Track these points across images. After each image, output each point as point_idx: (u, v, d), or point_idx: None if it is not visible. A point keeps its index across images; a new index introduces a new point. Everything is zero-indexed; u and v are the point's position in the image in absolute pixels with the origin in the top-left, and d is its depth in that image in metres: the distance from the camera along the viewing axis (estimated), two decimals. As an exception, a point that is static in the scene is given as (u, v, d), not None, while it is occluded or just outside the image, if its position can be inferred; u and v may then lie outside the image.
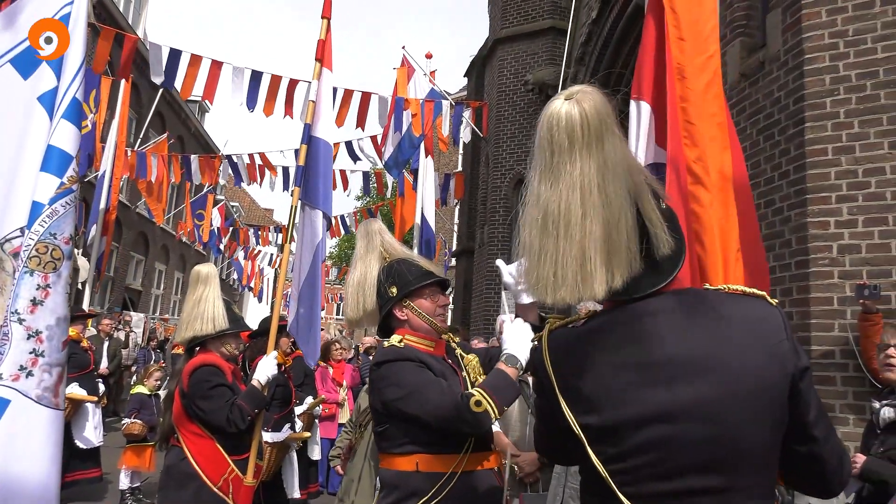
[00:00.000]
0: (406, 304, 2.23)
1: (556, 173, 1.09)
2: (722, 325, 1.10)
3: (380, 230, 2.45)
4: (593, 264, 1.05)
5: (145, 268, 21.03)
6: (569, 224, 1.06)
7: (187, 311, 3.07)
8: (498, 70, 11.25)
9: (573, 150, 1.08)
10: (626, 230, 1.06)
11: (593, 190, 1.06)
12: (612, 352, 1.12)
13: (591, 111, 1.08)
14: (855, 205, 4.09)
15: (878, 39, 4.11)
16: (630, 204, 1.08)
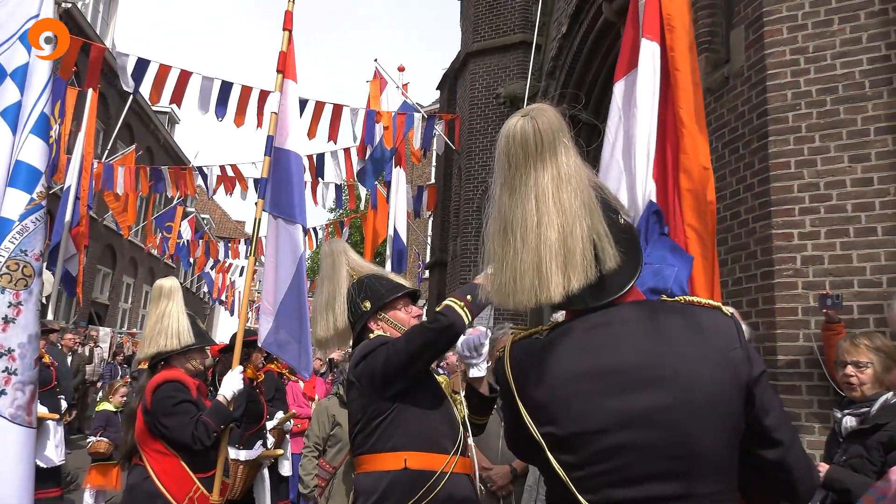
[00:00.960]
0: (381, 317, 2.25)
1: (514, 185, 1.15)
2: (677, 335, 1.14)
3: (344, 250, 2.46)
4: (549, 269, 1.10)
5: (112, 281, 20.62)
6: (525, 231, 1.12)
7: (150, 327, 3.00)
8: (470, 83, 11.32)
9: (528, 162, 1.14)
10: (580, 238, 1.11)
11: (548, 199, 1.12)
12: (570, 361, 1.15)
13: (544, 126, 1.14)
14: (817, 217, 4.19)
15: (837, 56, 4.22)
16: (585, 214, 1.12)
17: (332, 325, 2.37)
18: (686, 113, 2.36)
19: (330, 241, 2.55)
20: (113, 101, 17.17)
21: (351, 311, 2.30)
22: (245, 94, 7.56)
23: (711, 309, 1.19)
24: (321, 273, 2.47)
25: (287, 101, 3.68)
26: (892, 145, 4.04)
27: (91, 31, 15.81)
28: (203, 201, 33.72)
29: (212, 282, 19.10)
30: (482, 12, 11.38)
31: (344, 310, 2.33)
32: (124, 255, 21.17)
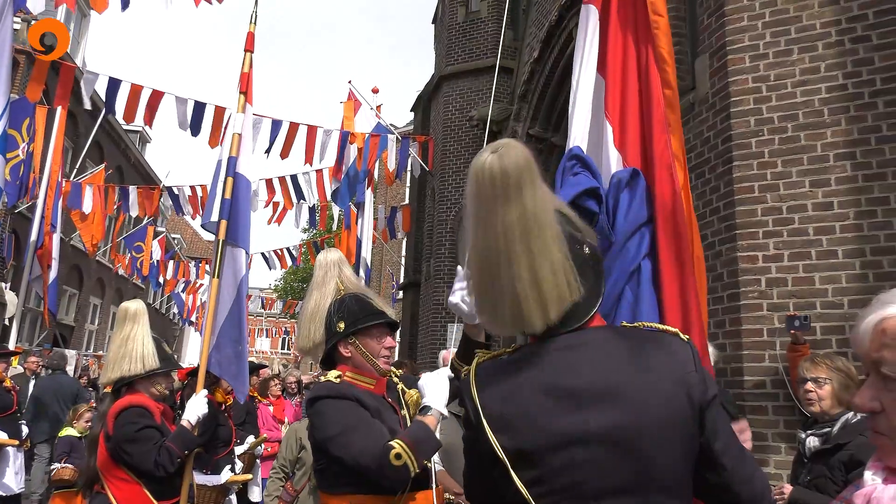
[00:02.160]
0: (352, 342, 2.19)
1: (484, 222, 1.19)
2: (636, 358, 1.19)
3: (339, 261, 2.43)
4: (528, 305, 1.16)
5: (79, 302, 20.18)
6: (499, 269, 1.17)
7: (114, 351, 2.95)
8: (443, 106, 11.42)
9: (496, 200, 1.17)
10: (550, 269, 1.15)
11: (515, 237, 1.15)
12: (533, 380, 1.19)
13: (511, 164, 1.17)
14: (780, 240, 4.29)
15: (797, 84, 4.36)
16: (553, 249, 1.17)
17: (311, 337, 2.33)
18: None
19: (326, 250, 2.51)
20: (83, 120, 16.96)
21: (327, 326, 2.27)
22: (219, 115, 7.53)
23: (669, 335, 1.26)
24: (312, 282, 2.45)
25: (245, 124, 3.68)
26: (850, 171, 4.17)
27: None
28: (174, 221, 33.31)
29: (182, 302, 18.79)
30: (455, 36, 11.53)
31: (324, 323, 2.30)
32: (91, 275, 20.76)
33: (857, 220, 4.11)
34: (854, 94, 4.22)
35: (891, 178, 4.07)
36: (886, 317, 0.98)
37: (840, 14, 4.33)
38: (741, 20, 4.59)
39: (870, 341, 0.99)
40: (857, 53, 4.24)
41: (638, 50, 2.33)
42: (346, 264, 2.44)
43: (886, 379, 0.96)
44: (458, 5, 11.66)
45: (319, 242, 13.90)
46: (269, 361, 28.48)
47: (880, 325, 0.98)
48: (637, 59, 2.33)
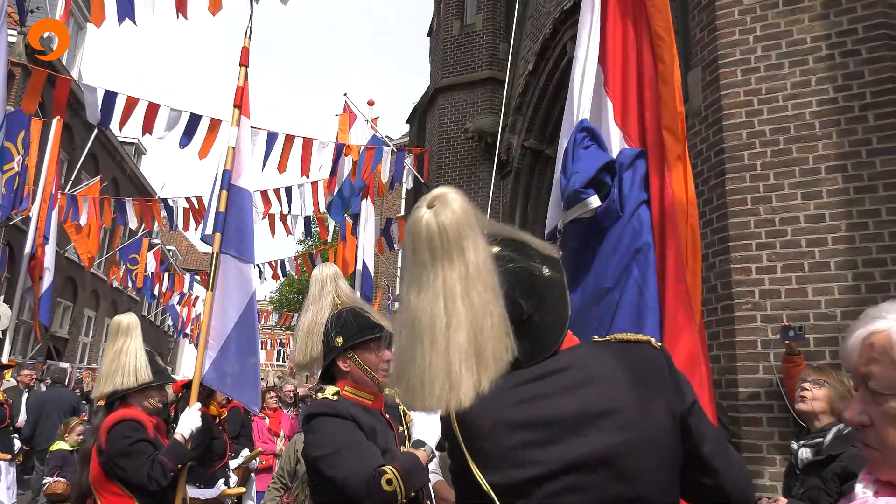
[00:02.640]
0: (350, 356, 2.19)
1: (421, 283, 1.14)
2: (610, 376, 1.17)
3: (335, 276, 2.44)
4: (458, 373, 1.09)
5: (73, 314, 20.09)
6: (434, 334, 1.10)
7: (107, 364, 2.94)
8: (439, 118, 11.47)
9: (435, 261, 1.12)
10: (492, 332, 1.11)
11: (456, 298, 1.10)
12: (511, 413, 1.16)
13: (449, 221, 1.12)
14: (773, 252, 4.31)
15: (788, 98, 4.40)
16: (496, 303, 1.12)
17: (308, 352, 2.34)
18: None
19: (321, 265, 2.52)
20: (78, 132, 16.96)
21: (325, 341, 2.26)
22: (213, 127, 7.54)
23: (640, 344, 1.24)
24: (308, 296, 2.45)
25: (241, 138, 3.69)
26: (841, 183, 4.20)
27: (58, 63, 15.67)
28: (168, 233, 33.25)
29: (177, 315, 18.73)
30: (451, 49, 11.60)
31: (321, 338, 2.30)
32: (86, 287, 20.69)
33: (848, 231, 4.14)
34: (845, 108, 4.26)
35: (882, 191, 4.10)
36: (874, 331, 0.99)
37: (830, 28, 4.38)
38: (733, 34, 4.64)
39: (858, 356, 1.00)
40: (848, 67, 4.29)
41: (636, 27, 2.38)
42: (341, 278, 2.45)
43: (874, 393, 0.97)
44: (453, 19, 11.74)
45: (314, 254, 13.89)
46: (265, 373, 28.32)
47: (868, 340, 0.99)
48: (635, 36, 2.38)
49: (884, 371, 0.95)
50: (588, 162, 2.22)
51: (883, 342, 0.96)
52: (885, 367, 0.95)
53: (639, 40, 2.38)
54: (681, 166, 2.21)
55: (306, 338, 2.35)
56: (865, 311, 1.06)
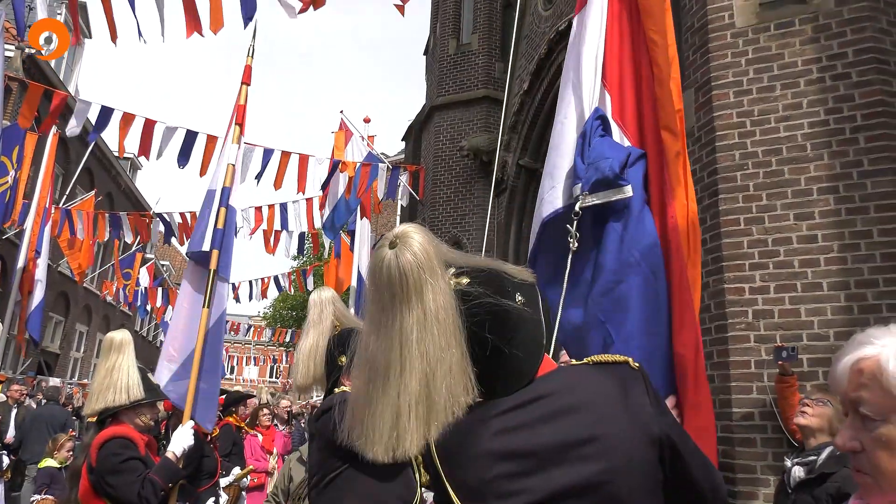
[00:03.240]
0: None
1: (380, 327, 1.13)
2: (588, 401, 1.16)
3: (332, 299, 2.48)
4: (408, 421, 1.08)
5: (65, 329, 19.95)
6: (387, 380, 1.10)
7: (98, 381, 2.92)
8: (434, 135, 11.53)
9: (394, 304, 1.11)
10: (448, 375, 1.10)
11: (412, 344, 1.09)
12: (490, 444, 1.15)
13: (410, 263, 1.11)
14: (766, 272, 4.33)
15: (780, 119, 4.45)
16: (456, 345, 1.11)
17: (311, 374, 2.37)
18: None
19: (319, 289, 2.56)
20: (74, 146, 16.97)
21: (328, 362, 2.29)
22: (210, 144, 7.55)
23: (618, 365, 1.22)
24: (308, 320, 2.49)
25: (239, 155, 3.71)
26: (833, 204, 4.23)
27: (55, 78, 15.72)
28: (163, 247, 33.14)
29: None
30: (446, 68, 11.69)
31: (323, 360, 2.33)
32: (78, 302, 20.57)
33: (841, 252, 4.17)
34: (836, 130, 4.31)
35: (873, 212, 4.14)
36: (862, 357, 0.99)
37: (821, 52, 4.44)
38: (725, 57, 4.70)
39: (847, 381, 1.00)
40: (838, 90, 4.34)
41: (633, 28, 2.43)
42: (338, 300, 2.50)
43: (865, 419, 0.97)
44: (449, 38, 11.85)
45: (307, 271, 13.87)
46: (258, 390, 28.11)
47: (857, 366, 0.99)
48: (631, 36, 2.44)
49: (873, 397, 0.95)
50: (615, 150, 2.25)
51: (872, 368, 0.97)
52: (874, 393, 0.95)
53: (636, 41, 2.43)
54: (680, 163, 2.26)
55: (308, 360, 2.39)
56: (854, 335, 1.06)
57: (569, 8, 8.17)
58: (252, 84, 3.87)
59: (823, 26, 4.48)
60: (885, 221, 4.09)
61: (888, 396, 0.94)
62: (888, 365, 0.95)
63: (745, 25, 4.69)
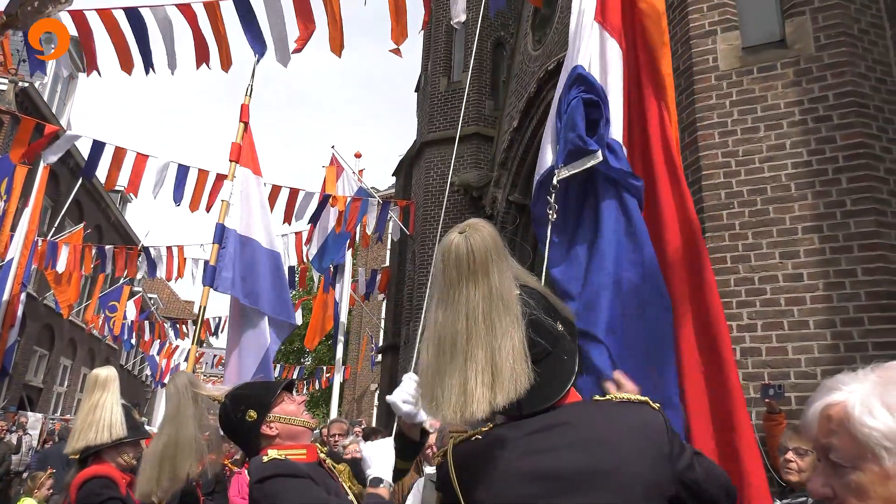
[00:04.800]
0: (271, 419, 2.12)
1: (448, 301, 1.19)
2: (612, 435, 1.19)
3: (189, 383, 2.26)
4: (474, 386, 1.12)
5: (48, 363, 19.63)
6: (455, 348, 1.15)
7: (81, 419, 2.87)
8: (425, 171, 11.62)
9: (461, 280, 1.18)
10: (510, 354, 1.14)
11: (478, 317, 1.15)
12: (513, 465, 1.18)
13: (478, 245, 1.18)
14: (753, 310, 4.36)
15: (764, 160, 4.53)
16: (517, 328, 1.16)
17: (162, 477, 2.16)
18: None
19: (174, 376, 2.34)
20: (64, 179, 16.95)
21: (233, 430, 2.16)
22: (202, 179, 7.59)
23: (640, 405, 1.26)
24: (165, 416, 2.26)
25: (251, 193, 3.74)
26: (818, 243, 4.29)
27: (48, 111, 15.78)
28: (150, 280, 32.91)
29: (155, 365, 18.38)
30: (437, 104, 11.85)
31: (185, 456, 2.15)
32: (63, 335, 20.30)
33: (826, 291, 4.21)
34: (819, 170, 4.40)
35: (857, 251, 4.19)
36: (830, 403, 0.99)
37: (802, 95, 4.55)
38: (710, 98, 4.80)
39: (817, 428, 1.00)
40: (820, 132, 4.44)
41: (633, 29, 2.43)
42: (196, 381, 2.28)
43: (835, 465, 0.97)
44: (440, 76, 12.04)
45: (297, 304, 13.80)
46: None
47: (826, 412, 0.99)
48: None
49: (842, 443, 0.95)
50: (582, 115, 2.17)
51: (840, 414, 0.96)
52: (843, 440, 0.95)
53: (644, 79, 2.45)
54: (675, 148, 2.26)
55: (162, 462, 2.17)
56: (823, 381, 1.07)
57: (557, 48, 8.35)
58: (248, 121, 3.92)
59: (804, 70, 4.59)
60: (868, 261, 4.15)
61: (856, 443, 0.94)
62: (854, 411, 0.94)
63: (728, 69, 4.80)
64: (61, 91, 17.86)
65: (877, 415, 0.93)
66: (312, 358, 29.84)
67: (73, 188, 13.16)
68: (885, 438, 0.91)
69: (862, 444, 0.93)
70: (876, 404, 0.94)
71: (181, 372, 2.47)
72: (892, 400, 0.93)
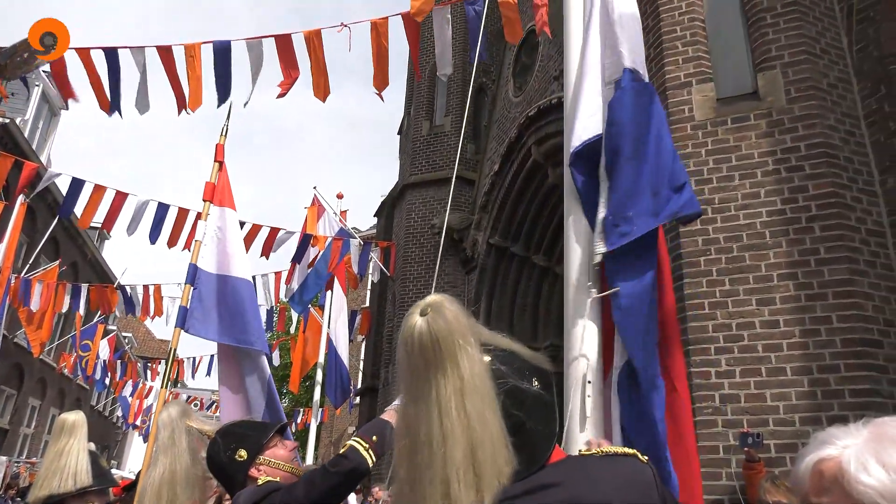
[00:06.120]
0: (261, 461, 2.09)
1: (418, 396, 1.12)
2: (598, 494, 1.15)
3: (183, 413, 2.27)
4: (458, 490, 1.06)
5: (16, 403, 19.04)
6: (432, 451, 1.08)
7: (46, 466, 2.77)
8: (406, 213, 11.67)
9: (428, 371, 1.11)
10: (490, 446, 1.09)
11: (451, 412, 1.08)
12: None
13: (442, 331, 1.11)
14: (732, 356, 4.37)
15: (740, 208, 4.62)
16: (493, 414, 1.10)
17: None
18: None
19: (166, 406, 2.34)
20: (41, 215, 16.75)
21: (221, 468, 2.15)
22: (181, 217, 7.54)
23: (628, 457, 1.22)
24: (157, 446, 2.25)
25: (227, 229, 3.72)
26: (793, 290, 4.34)
27: (28, 147, 15.68)
28: (126, 319, 32.33)
29: (127, 406, 17.91)
30: (420, 148, 11.98)
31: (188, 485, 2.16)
32: (33, 375, 19.76)
33: (802, 338, 4.24)
34: (792, 219, 4.48)
35: (831, 298, 4.25)
36: (823, 458, 0.96)
37: (775, 145, 4.67)
38: (686, 147, 4.91)
39: (809, 484, 0.97)
40: (793, 181, 4.55)
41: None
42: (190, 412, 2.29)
43: None
44: (423, 120, 12.20)
45: (274, 345, 13.61)
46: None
47: (818, 467, 0.97)
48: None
49: (835, 500, 0.93)
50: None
51: (833, 471, 0.94)
52: (836, 497, 0.93)
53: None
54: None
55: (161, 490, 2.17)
56: (815, 433, 1.06)
57: (538, 95, 8.53)
58: (225, 160, 3.92)
59: (777, 122, 4.73)
60: (842, 308, 4.20)
61: (850, 501, 0.91)
62: (850, 468, 0.92)
63: (703, 119, 4.93)
64: (43, 127, 17.79)
65: (872, 472, 0.90)
66: (290, 399, 29.34)
67: (49, 224, 12.99)
68: (881, 496, 0.89)
69: (856, 501, 0.90)
70: (871, 461, 0.91)
71: (175, 401, 2.44)
72: (886, 457, 0.91)
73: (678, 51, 5.18)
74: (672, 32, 5.25)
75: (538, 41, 9.06)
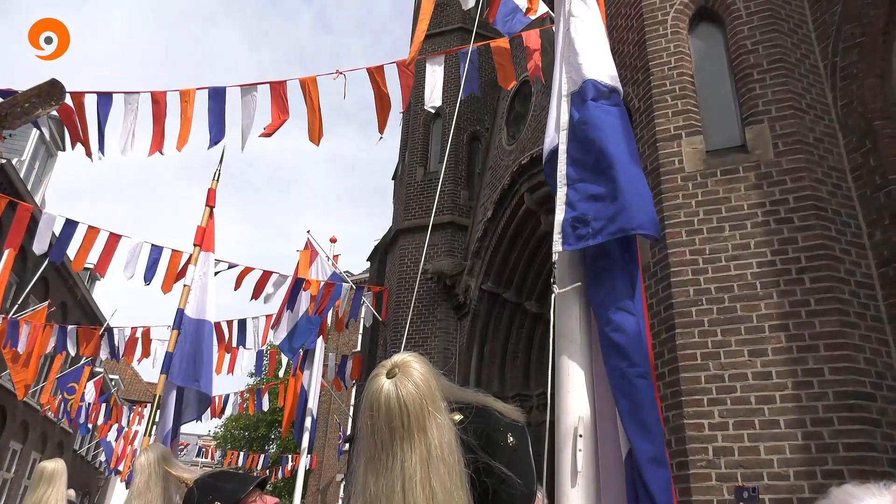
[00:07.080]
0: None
1: (380, 465, 1.05)
2: None
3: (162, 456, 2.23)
4: None
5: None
6: None
7: (23, 517, 2.71)
8: (399, 258, 11.68)
9: (394, 440, 1.04)
10: None
11: (416, 486, 1.02)
12: None
13: (411, 396, 1.05)
14: (725, 408, 4.34)
15: (730, 259, 4.65)
16: (460, 488, 1.04)
17: None
18: None
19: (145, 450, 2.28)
20: (31, 255, 16.66)
21: None
22: (175, 259, 7.53)
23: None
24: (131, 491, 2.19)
25: (209, 273, 3.72)
26: (785, 342, 4.34)
27: (23, 188, 15.72)
28: (113, 362, 31.89)
29: (111, 450, 17.50)
30: (413, 193, 12.08)
31: None
32: (16, 417, 19.35)
33: (795, 390, 4.22)
34: (783, 270, 4.51)
35: (823, 350, 4.25)
36: None
37: (764, 197, 4.73)
38: (676, 198, 4.97)
39: None
40: (782, 233, 4.59)
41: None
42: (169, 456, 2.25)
43: None
44: (417, 166, 12.33)
45: (263, 389, 13.43)
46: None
47: None
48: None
49: None
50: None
51: None
52: None
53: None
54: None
55: None
56: (830, 489, 1.03)
57: (531, 144, 8.65)
58: (217, 205, 3.95)
59: (765, 174, 4.80)
60: (834, 360, 4.20)
61: None
62: None
63: (693, 170, 5.00)
64: (39, 168, 17.87)
65: None
66: (277, 445, 28.79)
67: (40, 265, 12.93)
68: None
69: None
70: None
71: (155, 444, 2.38)
72: None
73: (668, 104, 5.29)
74: (662, 86, 5.37)
75: (531, 91, 9.25)
